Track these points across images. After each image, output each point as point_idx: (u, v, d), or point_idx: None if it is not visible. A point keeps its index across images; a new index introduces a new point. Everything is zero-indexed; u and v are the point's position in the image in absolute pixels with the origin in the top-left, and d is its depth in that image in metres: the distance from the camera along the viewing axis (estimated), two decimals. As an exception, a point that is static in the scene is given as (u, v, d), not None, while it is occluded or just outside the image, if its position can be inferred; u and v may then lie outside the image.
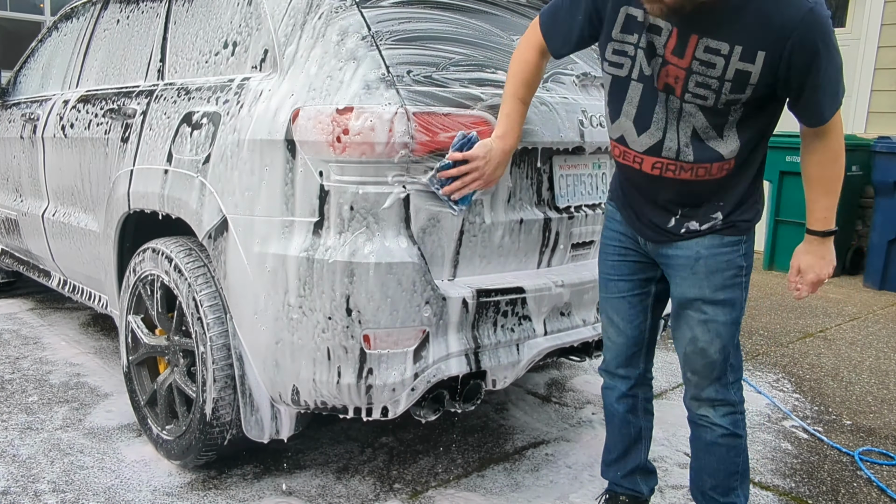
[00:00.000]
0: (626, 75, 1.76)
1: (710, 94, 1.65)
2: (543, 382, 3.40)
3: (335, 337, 1.99)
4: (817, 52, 1.57)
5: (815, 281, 1.82)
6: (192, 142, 2.33)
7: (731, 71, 1.61)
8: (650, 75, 1.72)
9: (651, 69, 1.71)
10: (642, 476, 2.16)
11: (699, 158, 1.73)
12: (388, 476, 2.49)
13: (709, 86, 1.64)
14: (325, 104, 1.97)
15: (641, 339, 2.03)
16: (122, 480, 2.41)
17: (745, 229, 1.80)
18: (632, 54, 1.74)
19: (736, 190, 1.77)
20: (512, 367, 2.17)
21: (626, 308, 2.00)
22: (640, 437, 2.12)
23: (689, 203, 1.80)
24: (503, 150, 1.99)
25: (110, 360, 3.51)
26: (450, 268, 2.10)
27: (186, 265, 2.32)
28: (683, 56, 1.65)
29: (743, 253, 1.81)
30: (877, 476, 2.62)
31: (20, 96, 3.90)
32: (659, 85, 1.71)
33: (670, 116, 1.73)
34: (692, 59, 1.64)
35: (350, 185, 1.94)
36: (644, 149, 1.79)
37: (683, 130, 1.72)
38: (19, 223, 3.78)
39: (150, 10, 2.92)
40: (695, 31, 1.61)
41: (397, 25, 2.13)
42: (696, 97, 1.66)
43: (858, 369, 3.74)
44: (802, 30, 1.55)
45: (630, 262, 1.97)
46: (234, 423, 2.28)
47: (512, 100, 1.97)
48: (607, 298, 2.03)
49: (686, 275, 1.83)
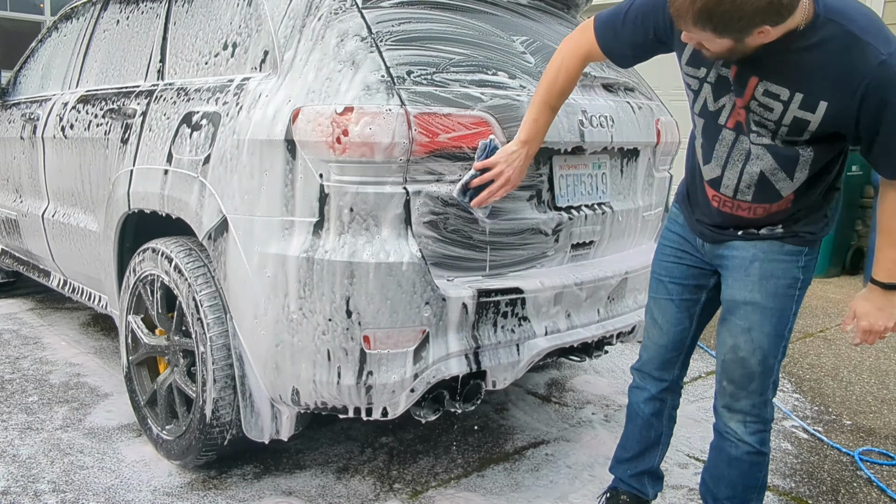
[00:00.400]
0: (691, 106, 1.74)
1: (769, 135, 1.61)
2: (543, 382, 3.40)
3: (335, 338, 1.99)
4: (886, 106, 1.46)
5: (867, 329, 1.71)
6: (192, 142, 2.33)
7: (788, 117, 1.56)
8: (714, 112, 1.68)
9: (718, 105, 1.67)
10: (650, 479, 2.14)
11: (758, 200, 1.71)
12: (388, 476, 2.49)
13: (766, 125, 1.60)
14: (325, 105, 1.97)
15: (682, 345, 1.99)
16: (122, 480, 2.41)
17: (808, 241, 1.74)
18: (695, 88, 1.71)
19: (799, 210, 1.72)
20: (512, 368, 2.17)
21: (672, 311, 1.96)
22: (659, 442, 2.09)
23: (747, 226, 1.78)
24: (527, 155, 1.97)
25: (110, 360, 3.51)
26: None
27: (186, 265, 2.32)
28: (743, 95, 1.61)
29: (802, 265, 1.75)
30: (877, 476, 2.62)
31: (20, 96, 3.90)
32: (729, 123, 1.66)
33: (734, 156, 1.69)
34: (751, 99, 1.60)
35: (350, 185, 1.94)
36: (707, 178, 1.78)
37: (748, 171, 1.68)
38: (19, 223, 3.78)
39: (149, 11, 2.93)
40: (755, 73, 1.57)
41: (397, 26, 2.13)
42: (759, 136, 1.63)
43: (858, 369, 3.74)
44: (873, 83, 1.45)
45: (685, 265, 1.93)
46: (234, 424, 2.28)
47: (543, 106, 1.93)
48: (656, 299, 2.00)
49: (739, 276, 1.77)
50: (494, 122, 2.07)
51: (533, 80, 2.28)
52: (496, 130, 2.07)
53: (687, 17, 1.43)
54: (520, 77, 2.26)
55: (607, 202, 2.53)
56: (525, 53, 2.38)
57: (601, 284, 2.40)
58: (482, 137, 2.03)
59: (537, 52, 2.43)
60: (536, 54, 2.42)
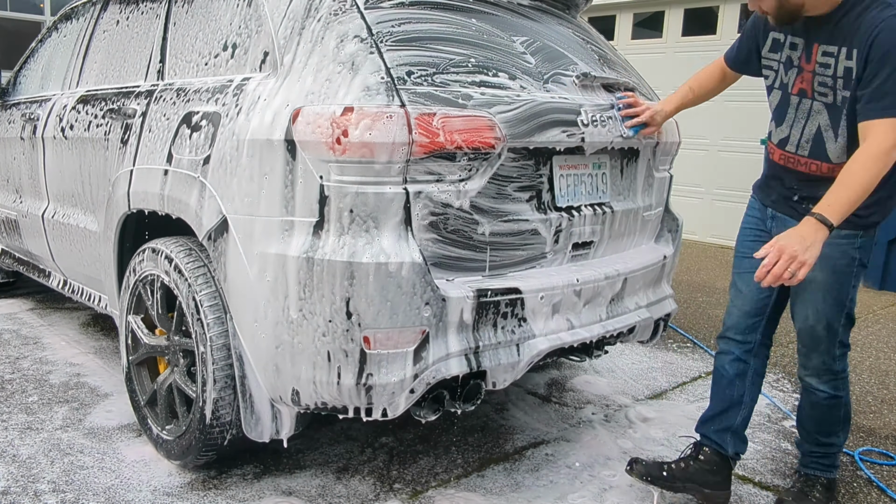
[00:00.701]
0: (771, 84, 2.25)
1: (829, 92, 2.06)
2: (543, 382, 3.40)
3: (335, 339, 1.99)
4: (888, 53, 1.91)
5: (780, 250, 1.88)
6: (192, 142, 2.33)
7: (840, 68, 2.02)
8: (786, 83, 2.19)
9: (788, 78, 2.18)
10: (733, 437, 2.35)
11: (812, 154, 2.13)
12: (388, 476, 2.49)
13: (826, 84, 2.06)
14: (325, 105, 1.97)
15: (763, 311, 2.31)
16: (122, 480, 2.41)
17: (861, 225, 2.09)
18: (775, 69, 2.23)
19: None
20: (512, 368, 2.17)
21: (753, 282, 2.16)
22: (742, 402, 2.34)
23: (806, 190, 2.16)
24: (665, 115, 2.55)
25: (110, 360, 3.51)
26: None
27: (186, 265, 2.32)
28: (810, 61, 2.10)
29: (858, 246, 2.12)
30: (877, 476, 2.62)
31: (20, 96, 3.90)
32: (794, 90, 2.16)
33: (799, 116, 2.16)
34: (815, 63, 2.08)
35: (350, 185, 1.94)
36: (776, 141, 2.25)
37: (809, 128, 2.13)
38: (19, 223, 3.78)
39: (149, 11, 2.93)
40: (816, 40, 2.07)
41: (397, 27, 2.13)
42: (821, 95, 2.08)
43: (858, 369, 3.74)
44: (882, 31, 1.91)
45: (763, 242, 2.12)
46: (234, 424, 2.28)
47: (685, 87, 2.54)
48: (740, 273, 2.35)
49: None
50: (495, 122, 2.07)
51: (533, 81, 2.28)
52: (497, 130, 2.07)
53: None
54: (520, 77, 2.26)
55: (607, 202, 2.53)
56: (525, 54, 2.38)
57: (601, 285, 2.40)
58: (482, 137, 2.03)
59: (537, 53, 2.43)
60: (536, 55, 2.42)
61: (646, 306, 2.65)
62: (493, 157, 2.10)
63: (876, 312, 4.90)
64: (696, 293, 5.21)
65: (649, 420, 3.02)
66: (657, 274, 2.72)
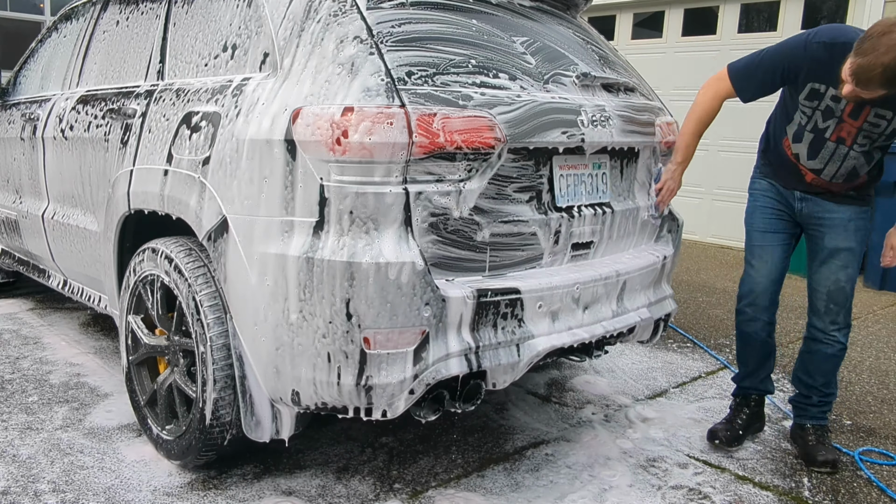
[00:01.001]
0: (803, 126, 2.53)
1: (870, 143, 2.46)
2: (543, 382, 3.40)
3: (335, 339, 1.99)
4: None
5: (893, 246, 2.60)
6: (192, 142, 2.33)
7: (890, 129, 2.41)
8: (823, 129, 2.49)
9: (826, 125, 2.47)
10: (768, 379, 2.86)
11: (846, 181, 2.55)
12: (388, 476, 2.49)
13: (871, 138, 2.45)
14: (325, 105, 1.97)
15: (782, 278, 2.73)
16: (122, 480, 2.41)
17: (869, 201, 2.62)
18: (809, 114, 2.50)
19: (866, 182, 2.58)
20: (512, 368, 2.17)
21: (778, 253, 2.69)
22: (773, 354, 2.83)
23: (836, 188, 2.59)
24: (682, 171, 2.71)
25: (110, 360, 3.51)
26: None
27: (186, 265, 2.32)
28: (858, 119, 2.42)
29: (868, 218, 2.62)
30: (877, 476, 2.62)
31: (20, 96, 3.90)
32: (832, 137, 2.48)
33: (835, 158, 2.51)
34: (864, 122, 2.42)
35: (350, 186, 1.95)
36: (809, 168, 2.58)
37: (845, 167, 2.51)
38: (19, 223, 3.78)
39: (149, 12, 2.93)
40: (869, 104, 2.36)
41: (398, 27, 2.13)
42: (862, 146, 2.47)
43: (858, 369, 3.74)
44: None
45: (784, 221, 2.70)
46: (234, 424, 2.28)
47: (693, 137, 2.66)
48: (762, 246, 2.71)
49: (839, 231, 2.57)
50: (495, 122, 2.07)
51: (533, 81, 2.28)
52: (497, 131, 2.07)
53: (874, 82, 2.18)
54: (520, 78, 2.26)
55: (607, 202, 2.53)
56: (525, 54, 2.38)
57: (601, 285, 2.40)
58: (482, 138, 2.03)
59: (538, 53, 2.43)
60: (537, 55, 2.42)
61: (646, 306, 2.65)
62: (493, 157, 2.10)
63: (876, 312, 4.90)
64: (696, 293, 5.21)
65: (649, 420, 3.02)
66: (657, 274, 2.72)
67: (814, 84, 2.43)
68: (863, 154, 2.48)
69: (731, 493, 2.47)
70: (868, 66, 2.15)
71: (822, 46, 2.37)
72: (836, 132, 2.46)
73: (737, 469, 2.64)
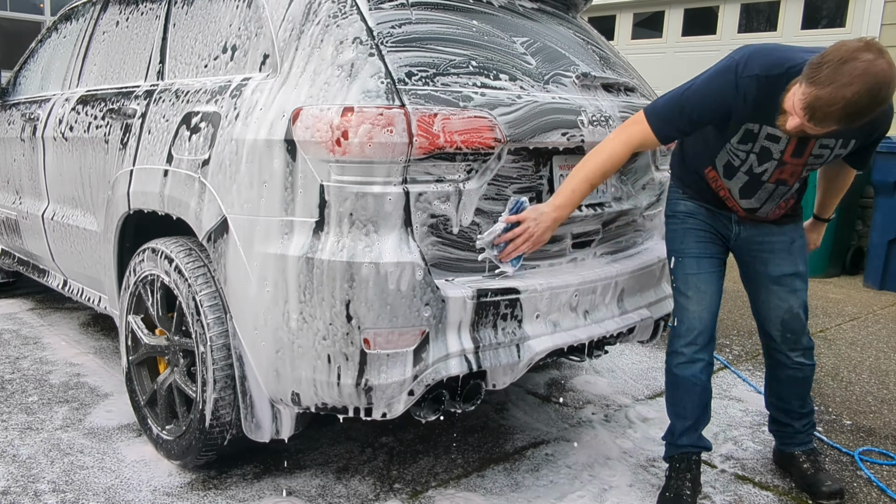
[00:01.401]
0: (735, 168, 2.20)
1: (810, 169, 2.18)
2: (543, 382, 3.40)
3: (335, 340, 1.99)
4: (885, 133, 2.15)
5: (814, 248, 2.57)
6: (192, 142, 2.33)
7: (833, 155, 2.13)
8: (758, 173, 2.17)
9: (762, 168, 2.16)
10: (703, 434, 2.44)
11: (781, 209, 2.30)
12: (388, 476, 2.49)
13: (814, 165, 2.17)
14: (325, 105, 1.97)
15: (718, 310, 2.38)
16: (122, 480, 2.41)
17: (801, 211, 2.40)
18: (742, 158, 2.17)
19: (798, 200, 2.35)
20: (512, 368, 2.17)
21: (715, 281, 2.34)
22: (710, 399, 2.42)
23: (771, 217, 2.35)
24: (555, 219, 2.14)
25: (110, 360, 3.51)
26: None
27: (186, 265, 2.32)
28: (802, 156, 2.12)
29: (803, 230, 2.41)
30: (877, 476, 2.62)
31: (20, 96, 3.90)
32: (770, 180, 2.18)
33: (774, 197, 2.23)
34: (809, 156, 2.12)
35: (350, 186, 1.95)
36: (744, 207, 2.29)
37: (783, 201, 2.27)
38: (19, 224, 3.79)
39: (149, 13, 2.93)
40: (814, 137, 2.03)
41: (398, 27, 2.13)
42: (801, 178, 2.22)
43: (858, 369, 3.74)
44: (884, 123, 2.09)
45: (717, 245, 2.37)
46: (234, 424, 2.28)
47: (584, 183, 2.14)
48: (699, 274, 2.33)
49: (784, 255, 2.33)
50: (495, 123, 2.07)
51: (533, 82, 2.28)
52: (497, 131, 2.07)
53: (831, 118, 1.82)
54: (521, 79, 2.26)
55: (607, 202, 2.53)
56: (526, 55, 2.38)
57: (601, 284, 2.40)
58: (483, 138, 2.03)
59: (538, 53, 2.43)
60: (537, 55, 2.42)
61: (646, 306, 2.65)
62: (493, 157, 2.10)
63: (876, 312, 4.90)
64: (696, 293, 5.20)
65: (649, 420, 3.02)
66: (657, 274, 2.72)
67: (748, 125, 2.08)
68: (800, 182, 2.25)
69: (731, 493, 2.47)
70: (828, 100, 1.78)
71: (755, 81, 1.98)
72: (775, 175, 2.16)
73: (737, 469, 2.63)
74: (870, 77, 1.75)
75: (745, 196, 2.25)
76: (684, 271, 2.35)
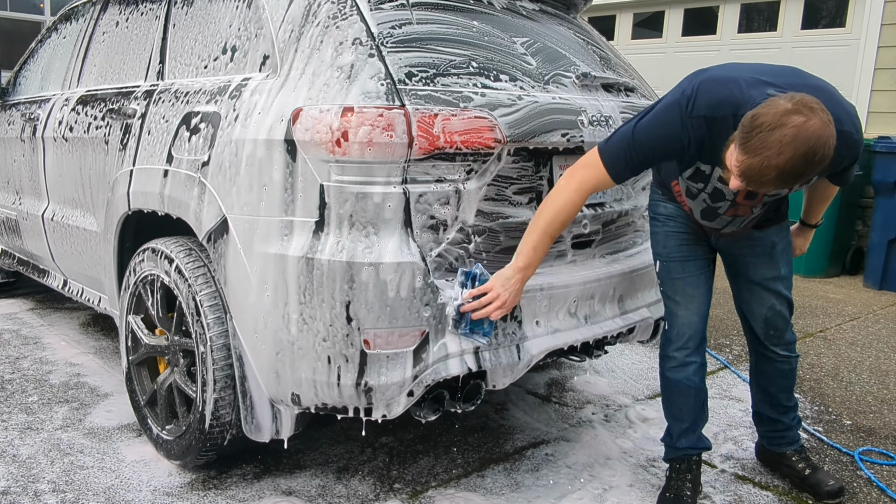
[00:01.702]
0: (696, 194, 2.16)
1: (774, 204, 2.18)
2: (543, 382, 3.40)
3: (335, 340, 1.99)
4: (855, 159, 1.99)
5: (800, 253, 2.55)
6: (192, 143, 2.33)
7: (793, 191, 2.03)
8: (713, 208, 2.15)
9: (717, 206, 2.13)
10: (702, 434, 2.44)
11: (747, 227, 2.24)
12: (388, 476, 2.49)
13: (775, 200, 2.15)
14: (325, 105, 1.97)
15: (708, 311, 2.37)
16: (122, 480, 2.41)
17: (786, 214, 2.31)
18: (695, 193, 2.16)
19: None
20: (512, 368, 2.17)
21: (704, 283, 2.33)
22: (706, 400, 2.42)
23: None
24: (522, 280, 2.04)
25: (110, 360, 3.51)
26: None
27: (186, 265, 2.32)
28: (755, 198, 2.06)
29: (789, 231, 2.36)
30: (877, 476, 2.62)
31: (20, 97, 3.90)
32: (728, 214, 2.15)
33: (732, 224, 2.20)
34: (764, 196, 2.05)
35: (350, 186, 1.95)
36: (706, 226, 2.26)
37: (745, 225, 2.22)
38: (19, 224, 3.79)
39: (149, 13, 2.93)
40: None
41: (398, 28, 2.13)
42: (763, 210, 2.16)
43: (858, 369, 3.74)
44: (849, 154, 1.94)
45: (701, 246, 2.34)
46: (234, 424, 2.28)
47: (543, 237, 2.03)
48: (685, 278, 2.31)
49: (765, 259, 2.29)
50: (495, 123, 2.07)
51: (534, 82, 2.28)
52: (497, 132, 2.07)
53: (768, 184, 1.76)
54: (521, 79, 2.26)
55: (607, 202, 2.53)
56: (526, 55, 2.38)
57: (601, 284, 2.40)
58: (483, 139, 2.03)
59: (538, 54, 2.43)
60: (537, 56, 2.42)
61: (646, 306, 2.65)
62: (493, 158, 2.10)
63: (876, 312, 4.90)
64: (696, 293, 5.20)
65: (649, 420, 3.02)
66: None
67: (700, 164, 2.05)
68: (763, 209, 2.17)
69: (731, 493, 2.47)
70: (760, 170, 1.72)
71: (703, 122, 1.89)
72: (730, 211, 2.13)
73: (737, 469, 2.64)
74: (800, 142, 1.67)
75: (706, 219, 2.22)
76: (670, 276, 2.33)
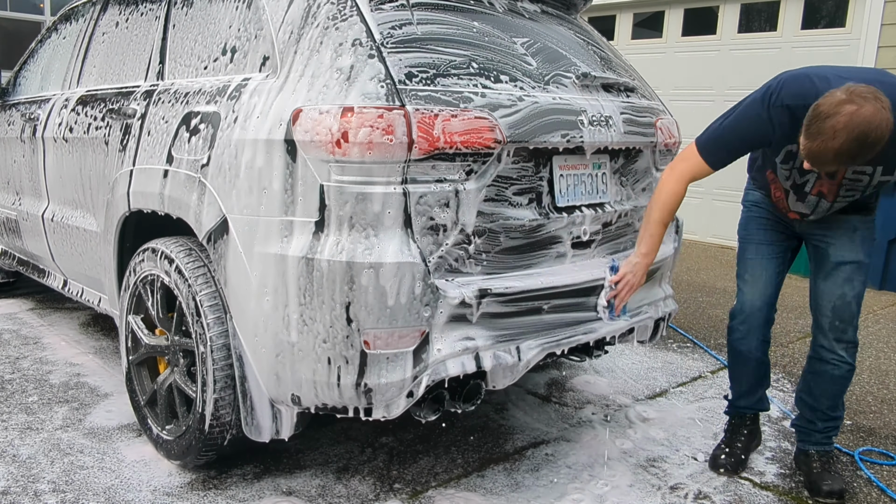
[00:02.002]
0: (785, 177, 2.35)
1: (858, 194, 2.27)
2: (543, 382, 3.40)
3: (335, 341, 1.99)
4: None
5: None
6: (192, 142, 2.33)
7: (874, 181, 2.21)
8: (801, 184, 2.33)
9: (804, 180, 2.31)
10: (764, 398, 2.70)
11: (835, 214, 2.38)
12: (388, 476, 2.49)
13: (856, 189, 2.26)
14: (326, 105, 1.97)
15: (779, 290, 2.57)
16: (122, 480, 2.41)
17: (874, 209, 2.43)
18: (787, 174, 2.34)
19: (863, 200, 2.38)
20: (512, 368, 2.17)
21: (775, 265, 2.53)
22: (768, 371, 2.66)
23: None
24: (646, 265, 2.38)
25: (110, 360, 3.51)
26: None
27: (186, 265, 2.32)
28: (835, 178, 2.23)
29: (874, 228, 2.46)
30: (877, 476, 2.62)
31: (20, 97, 3.90)
32: (812, 191, 2.32)
33: (820, 209, 2.36)
34: (843, 179, 2.23)
35: (350, 186, 1.95)
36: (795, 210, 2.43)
37: (831, 211, 2.35)
38: (19, 224, 3.79)
39: (149, 13, 2.93)
40: None
41: (399, 28, 2.13)
42: (846, 197, 2.29)
43: (858, 369, 3.74)
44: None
45: (779, 232, 2.54)
46: (234, 424, 2.28)
47: (658, 225, 2.35)
48: (757, 259, 2.54)
49: (845, 242, 2.40)
50: (496, 123, 2.07)
51: (534, 82, 2.28)
52: (497, 132, 2.07)
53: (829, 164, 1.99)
54: (521, 79, 2.26)
55: (608, 202, 2.53)
56: (526, 55, 2.38)
57: (601, 284, 2.40)
58: (483, 139, 2.03)
59: (538, 54, 2.43)
60: (537, 56, 2.42)
61: (646, 306, 2.65)
62: (493, 158, 2.10)
63: (876, 312, 4.90)
64: (696, 293, 5.21)
65: (649, 420, 3.02)
66: (657, 274, 2.72)
67: (789, 146, 2.25)
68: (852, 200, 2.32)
69: (731, 493, 2.47)
70: (819, 152, 1.97)
71: (786, 110, 2.14)
72: (816, 186, 2.30)
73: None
74: (853, 128, 1.88)
75: (798, 197, 2.38)
76: (744, 256, 2.58)
